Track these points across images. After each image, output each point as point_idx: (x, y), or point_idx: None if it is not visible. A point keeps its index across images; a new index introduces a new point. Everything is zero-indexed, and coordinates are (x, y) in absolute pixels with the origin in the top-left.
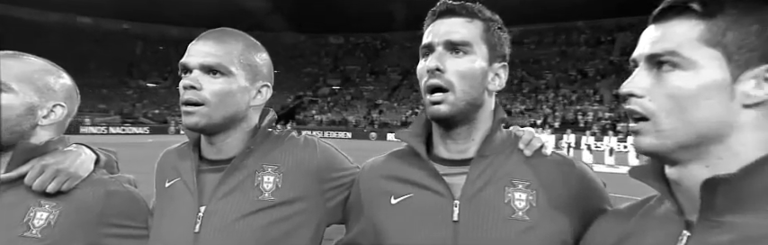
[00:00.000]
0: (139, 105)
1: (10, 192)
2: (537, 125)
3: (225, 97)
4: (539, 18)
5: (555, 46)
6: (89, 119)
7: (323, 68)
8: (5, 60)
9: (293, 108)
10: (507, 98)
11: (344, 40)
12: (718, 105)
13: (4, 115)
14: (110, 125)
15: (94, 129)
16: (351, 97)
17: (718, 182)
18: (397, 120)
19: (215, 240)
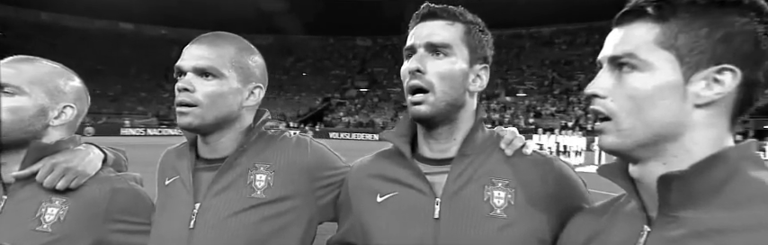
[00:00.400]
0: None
1: (25, 188)
2: (568, 127)
3: (216, 99)
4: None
5: (588, 46)
6: (129, 121)
7: (350, 71)
8: (19, 64)
9: (321, 110)
10: (538, 100)
11: (372, 43)
12: (672, 105)
13: (17, 116)
14: (148, 127)
15: (133, 131)
16: (378, 99)
17: (672, 179)
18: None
19: (208, 235)
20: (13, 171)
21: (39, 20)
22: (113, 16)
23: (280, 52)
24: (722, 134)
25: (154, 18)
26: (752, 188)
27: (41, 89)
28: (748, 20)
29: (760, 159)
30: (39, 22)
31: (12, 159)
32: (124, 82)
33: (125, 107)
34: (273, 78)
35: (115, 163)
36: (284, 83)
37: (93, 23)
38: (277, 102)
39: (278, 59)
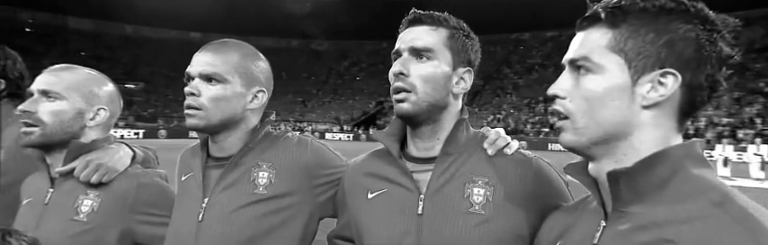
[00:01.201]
0: None
1: (67, 182)
2: None
3: (220, 102)
4: None
5: None
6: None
7: None
8: (60, 72)
9: (374, 114)
10: None
11: None
12: (621, 106)
13: (58, 119)
14: None
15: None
16: None
17: (619, 175)
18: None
19: (215, 228)
20: (58, 167)
21: (123, 32)
22: (185, 26)
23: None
24: (668, 134)
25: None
26: (692, 184)
27: (78, 94)
28: (692, 26)
29: (703, 158)
30: (124, 34)
31: (57, 157)
32: None
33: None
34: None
35: (144, 160)
36: (338, 87)
37: (167, 33)
38: (331, 106)
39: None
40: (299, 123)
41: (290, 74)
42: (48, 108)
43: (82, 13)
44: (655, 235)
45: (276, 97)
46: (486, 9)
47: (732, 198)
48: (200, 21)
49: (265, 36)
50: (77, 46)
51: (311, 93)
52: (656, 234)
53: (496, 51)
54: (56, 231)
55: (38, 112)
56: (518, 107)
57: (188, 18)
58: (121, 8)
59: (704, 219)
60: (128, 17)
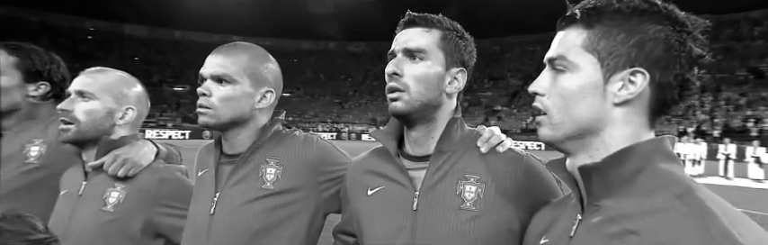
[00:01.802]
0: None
1: (98, 176)
2: (687, 133)
3: (229, 102)
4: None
5: (717, 42)
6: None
7: None
8: (94, 74)
9: None
10: None
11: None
12: (593, 103)
13: (91, 117)
14: None
15: None
16: (468, 104)
17: (590, 170)
18: (517, 127)
19: (224, 220)
20: (90, 162)
21: (173, 37)
22: (227, 30)
23: (371, 58)
24: (638, 130)
25: (259, 30)
26: (659, 178)
27: (109, 95)
28: (662, 27)
29: (672, 153)
30: (173, 39)
31: (90, 152)
32: None
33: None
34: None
35: (167, 157)
36: (375, 88)
37: (211, 38)
38: (368, 107)
39: (370, 65)
40: (336, 125)
41: (328, 76)
42: (82, 107)
43: (136, 21)
44: (622, 227)
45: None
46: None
47: (693, 192)
48: (241, 25)
49: (303, 39)
50: (132, 51)
51: (348, 94)
52: (622, 226)
53: (536, 51)
54: (87, 221)
55: (74, 111)
56: None
57: (230, 22)
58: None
59: (665, 211)
60: (177, 23)
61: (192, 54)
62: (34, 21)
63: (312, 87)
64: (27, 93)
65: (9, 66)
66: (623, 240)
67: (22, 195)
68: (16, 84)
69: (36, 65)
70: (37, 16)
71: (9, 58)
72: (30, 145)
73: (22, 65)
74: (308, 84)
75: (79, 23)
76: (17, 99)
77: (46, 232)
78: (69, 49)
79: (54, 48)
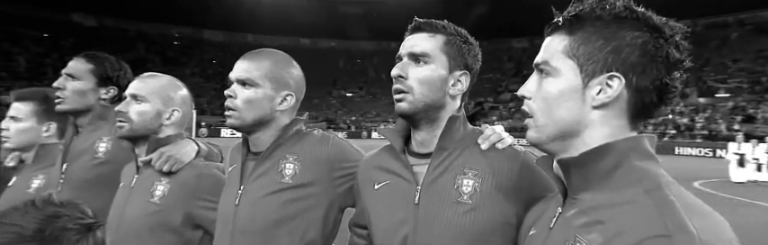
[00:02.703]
0: (341, 113)
1: (147, 170)
2: None
3: (252, 104)
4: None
5: None
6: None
7: (505, 74)
8: (146, 79)
9: (473, 115)
10: (748, 100)
11: (529, 44)
12: (573, 106)
13: (142, 118)
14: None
15: None
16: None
17: (569, 164)
18: None
19: (247, 211)
20: (141, 157)
21: (246, 41)
22: (295, 33)
23: None
24: (617, 132)
25: (325, 32)
26: (634, 175)
27: (158, 97)
28: (640, 33)
29: (649, 151)
30: (247, 42)
31: (142, 149)
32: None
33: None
34: None
35: (207, 155)
36: None
37: (280, 40)
38: None
39: None
40: None
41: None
42: (135, 109)
43: (214, 26)
44: (591, 218)
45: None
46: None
47: (662, 187)
48: (308, 28)
49: (367, 40)
50: (210, 55)
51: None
52: (591, 217)
53: None
54: (137, 211)
55: (129, 112)
56: None
57: (297, 26)
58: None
59: (632, 203)
60: (250, 27)
61: None
62: (132, 30)
63: (374, 87)
64: (99, 96)
65: (86, 72)
66: (589, 229)
67: (90, 186)
68: (91, 88)
69: (107, 71)
70: (134, 26)
71: (87, 65)
72: (99, 142)
73: (97, 71)
74: (370, 84)
75: (167, 31)
76: (91, 101)
77: (94, 217)
78: (159, 54)
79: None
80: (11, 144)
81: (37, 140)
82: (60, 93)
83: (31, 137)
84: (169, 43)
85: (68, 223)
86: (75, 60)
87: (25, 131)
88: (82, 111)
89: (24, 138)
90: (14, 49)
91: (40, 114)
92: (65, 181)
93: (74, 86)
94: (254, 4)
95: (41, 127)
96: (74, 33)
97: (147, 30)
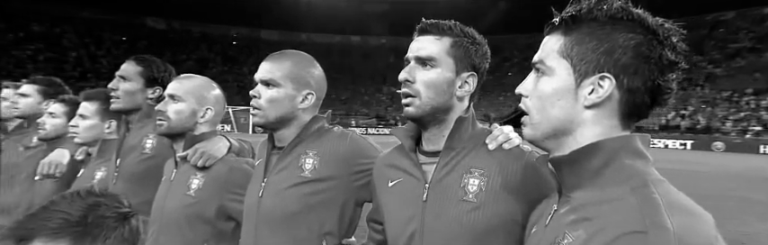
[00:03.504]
0: (390, 109)
1: (185, 165)
2: None
3: (274, 103)
4: None
5: None
6: (354, 121)
7: None
8: (182, 80)
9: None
10: None
11: None
12: (566, 105)
13: (179, 116)
14: (368, 127)
15: (358, 130)
16: None
17: (561, 163)
18: (656, 123)
19: (269, 202)
20: (179, 153)
21: (300, 39)
22: (346, 31)
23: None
24: (608, 131)
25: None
26: (623, 173)
27: (193, 97)
28: (633, 35)
29: (639, 150)
30: (300, 41)
31: (179, 145)
32: (352, 87)
33: (352, 109)
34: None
35: (239, 150)
36: (487, 84)
37: (333, 38)
38: (481, 103)
39: None
40: None
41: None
42: (173, 108)
43: (270, 26)
44: (579, 215)
45: None
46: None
47: (648, 184)
48: (359, 25)
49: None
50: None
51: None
52: (580, 214)
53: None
54: (175, 202)
55: (167, 110)
56: (712, 102)
57: (349, 23)
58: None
59: (618, 200)
60: (303, 26)
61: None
62: (197, 31)
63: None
64: (147, 95)
65: (135, 74)
66: (577, 226)
67: (139, 179)
68: (139, 88)
69: (154, 73)
70: (199, 27)
71: (136, 67)
72: (146, 138)
73: (144, 73)
74: None
75: (227, 31)
76: (139, 101)
77: (129, 207)
78: (220, 53)
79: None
80: (79, 139)
81: (100, 136)
82: (114, 93)
83: (96, 133)
84: (229, 43)
85: (107, 212)
86: (127, 63)
87: (91, 127)
88: (132, 109)
89: (90, 134)
90: (99, 52)
91: (103, 113)
92: (118, 174)
93: (125, 86)
94: (307, 4)
95: (104, 124)
96: (147, 36)
97: (210, 31)
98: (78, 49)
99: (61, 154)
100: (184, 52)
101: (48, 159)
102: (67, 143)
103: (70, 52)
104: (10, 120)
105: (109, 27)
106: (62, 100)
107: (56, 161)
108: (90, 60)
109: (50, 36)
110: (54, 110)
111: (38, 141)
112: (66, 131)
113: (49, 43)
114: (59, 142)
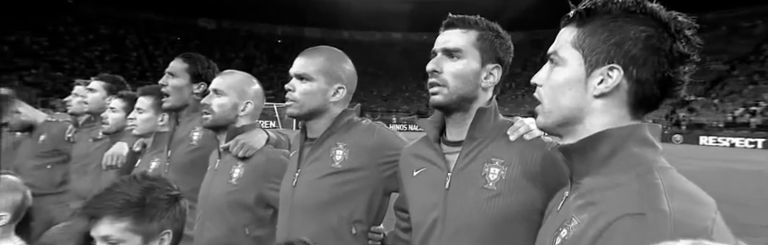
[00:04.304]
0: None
1: (227, 155)
2: None
3: (308, 96)
4: None
5: None
6: (395, 117)
7: None
8: (224, 75)
9: None
10: None
11: None
12: (576, 95)
13: (221, 109)
14: (409, 123)
15: (399, 126)
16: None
17: (570, 151)
18: (720, 120)
19: (303, 191)
20: (222, 144)
21: (342, 37)
22: (387, 28)
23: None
24: (617, 120)
25: (416, 26)
26: (630, 160)
27: (235, 91)
28: (645, 28)
29: (648, 139)
30: (342, 38)
31: (222, 137)
32: (394, 84)
33: (393, 106)
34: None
35: (276, 142)
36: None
37: (374, 35)
38: (525, 99)
39: (528, 55)
40: None
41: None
42: (216, 101)
43: (313, 24)
44: (586, 200)
45: None
46: None
47: (653, 171)
48: (399, 22)
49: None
50: None
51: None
52: (587, 199)
53: (757, 26)
54: (218, 190)
55: (211, 104)
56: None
57: (390, 20)
58: (341, 17)
59: (622, 186)
60: (345, 24)
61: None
62: (243, 30)
63: None
64: (192, 91)
65: (182, 70)
66: (583, 210)
67: (188, 169)
68: (186, 84)
69: (198, 69)
70: (246, 26)
71: (183, 64)
72: (193, 131)
73: (190, 69)
74: None
75: (273, 30)
76: (186, 96)
77: (178, 190)
78: (266, 52)
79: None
80: (137, 131)
81: (154, 128)
82: (164, 89)
83: (151, 126)
84: (274, 41)
85: (161, 194)
86: (175, 61)
87: (147, 120)
88: (181, 106)
89: (146, 126)
90: (156, 52)
91: (157, 107)
92: (170, 164)
93: (173, 82)
94: (348, 3)
95: (157, 117)
96: (198, 36)
97: (257, 30)
98: (138, 50)
99: (121, 147)
100: (233, 51)
101: (110, 152)
102: (126, 136)
103: (132, 52)
104: (80, 115)
105: (165, 28)
106: (121, 96)
107: (117, 153)
108: (148, 60)
109: (115, 38)
110: (114, 105)
111: (102, 134)
112: (125, 125)
113: (115, 44)
114: (119, 135)
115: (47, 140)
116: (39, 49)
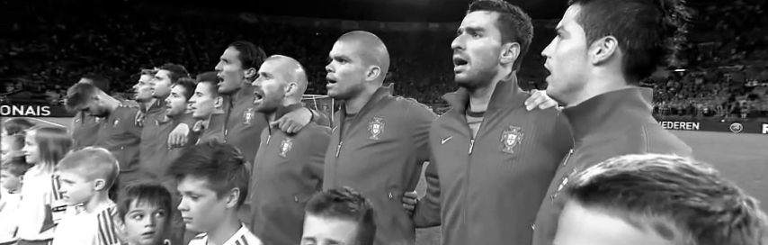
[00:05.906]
0: None
1: (277, 131)
2: None
3: (346, 76)
4: None
5: None
6: (432, 108)
7: None
8: (272, 60)
9: None
10: None
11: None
12: (578, 64)
13: (270, 91)
14: None
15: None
16: (703, 80)
17: (571, 112)
18: None
19: (344, 161)
20: (272, 122)
21: (378, 28)
22: (424, 19)
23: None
24: (613, 85)
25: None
26: (623, 119)
27: (281, 74)
28: (638, 4)
29: (639, 101)
30: (378, 30)
31: (272, 116)
32: (431, 75)
33: (430, 96)
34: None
35: (319, 120)
36: None
37: (410, 26)
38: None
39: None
40: None
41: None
42: (265, 84)
43: (350, 17)
44: (585, 153)
45: None
46: None
47: (640, 128)
48: (436, 13)
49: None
50: None
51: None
52: (585, 153)
53: None
54: (270, 162)
55: (261, 86)
56: None
57: (426, 11)
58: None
59: (614, 140)
60: (381, 15)
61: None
62: (282, 24)
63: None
64: (244, 76)
65: (235, 57)
66: (581, 162)
67: (241, 146)
68: (238, 69)
69: (249, 56)
70: (285, 20)
71: (236, 51)
72: (246, 112)
73: (242, 56)
74: None
75: (311, 23)
76: (238, 81)
77: (241, 155)
78: (304, 44)
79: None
80: (197, 113)
81: (211, 111)
82: (219, 74)
83: (208, 108)
84: (312, 34)
85: (229, 158)
86: (229, 48)
87: (205, 103)
88: (234, 90)
89: (204, 108)
90: (201, 47)
91: (214, 91)
92: (226, 142)
93: (227, 68)
94: None
95: (214, 100)
96: (241, 30)
97: (295, 23)
98: (186, 45)
99: (183, 128)
100: (273, 44)
101: (173, 132)
102: (187, 119)
103: (180, 47)
104: (148, 100)
105: (209, 23)
106: (181, 82)
107: (179, 134)
108: (195, 54)
109: (165, 34)
110: (176, 91)
111: (167, 118)
112: (185, 108)
113: (165, 40)
114: (181, 118)
115: (120, 125)
116: (99, 46)
